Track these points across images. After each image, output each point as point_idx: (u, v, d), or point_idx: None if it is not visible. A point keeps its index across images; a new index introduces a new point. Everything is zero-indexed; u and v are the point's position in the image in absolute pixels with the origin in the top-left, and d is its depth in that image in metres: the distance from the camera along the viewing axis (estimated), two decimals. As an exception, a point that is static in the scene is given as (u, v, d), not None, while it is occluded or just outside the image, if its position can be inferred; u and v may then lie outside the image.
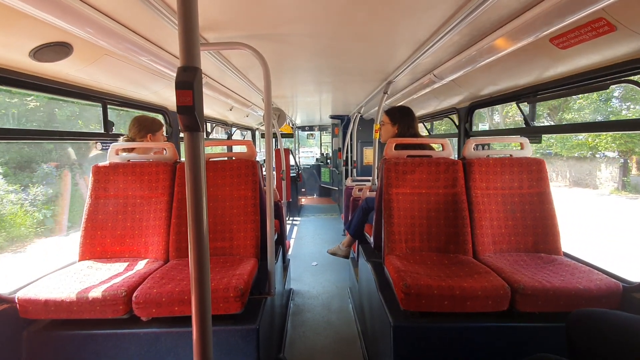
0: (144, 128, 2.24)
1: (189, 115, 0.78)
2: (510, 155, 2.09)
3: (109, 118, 2.31)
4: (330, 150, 8.80)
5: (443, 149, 2.16)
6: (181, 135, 3.06)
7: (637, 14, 1.15)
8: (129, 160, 2.10)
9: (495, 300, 1.46)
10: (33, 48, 1.40)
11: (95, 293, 1.47)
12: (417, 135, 2.43)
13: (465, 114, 2.92)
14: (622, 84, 1.59)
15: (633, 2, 1.10)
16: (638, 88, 1.48)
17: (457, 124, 3.11)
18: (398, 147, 2.18)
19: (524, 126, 2.29)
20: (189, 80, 0.76)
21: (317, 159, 10.00)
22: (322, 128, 9.60)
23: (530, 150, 2.10)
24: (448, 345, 1.53)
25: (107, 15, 1.37)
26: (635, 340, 0.97)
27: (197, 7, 0.78)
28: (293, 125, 8.13)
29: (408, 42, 1.90)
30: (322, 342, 2.51)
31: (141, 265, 1.81)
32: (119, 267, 1.78)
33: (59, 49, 1.48)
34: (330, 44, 1.97)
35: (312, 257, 4.45)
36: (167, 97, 2.67)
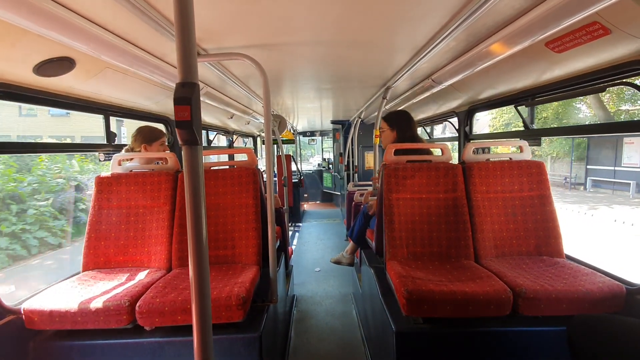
0: (139, 138, 2.27)
1: (187, 130, 0.79)
2: (510, 158, 2.09)
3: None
4: (331, 156, 8.82)
5: (442, 154, 2.17)
6: None
7: (631, 17, 1.16)
8: (131, 171, 2.12)
9: (498, 305, 1.45)
10: (36, 64, 1.43)
11: (99, 303, 1.48)
12: (415, 138, 2.43)
13: (465, 118, 2.93)
14: (619, 86, 1.59)
15: (626, 6, 1.11)
16: (635, 89, 1.49)
17: (457, 127, 3.11)
18: (398, 152, 2.19)
19: (523, 129, 2.30)
20: (187, 96, 0.78)
21: (319, 164, 10.02)
22: (323, 133, 9.64)
23: (529, 153, 2.10)
24: (451, 350, 1.52)
25: (108, 30, 1.39)
26: (638, 346, 0.97)
27: (194, 25, 0.80)
28: (294, 131, 8.16)
29: (406, 49, 1.92)
30: (326, 349, 2.50)
31: (144, 274, 1.82)
32: (122, 276, 1.80)
33: (61, 64, 1.51)
34: (329, 51, 1.99)
35: (315, 263, 4.44)
36: (169, 106, 2.70)
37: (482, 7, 1.24)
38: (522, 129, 2.34)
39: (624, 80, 1.53)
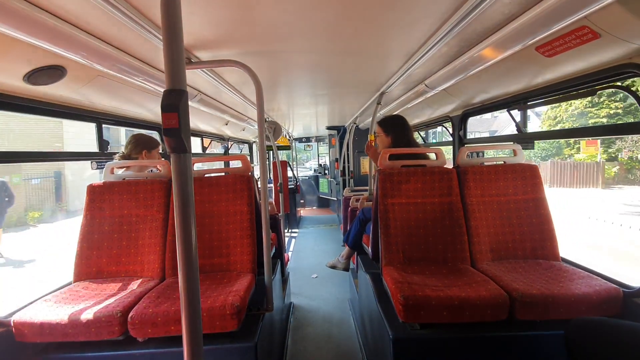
0: (140, 144, 2.25)
1: (175, 137, 0.78)
2: (504, 162, 2.10)
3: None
4: (327, 161, 8.84)
5: (437, 158, 2.17)
6: None
7: (619, 21, 1.17)
8: (124, 179, 2.10)
9: (494, 310, 1.45)
10: (27, 72, 1.42)
11: (90, 314, 1.45)
12: (411, 143, 2.43)
13: (459, 122, 2.94)
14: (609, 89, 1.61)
15: (614, 10, 1.13)
16: (625, 92, 1.50)
17: (451, 132, 3.13)
18: (392, 157, 2.19)
19: (516, 132, 2.31)
20: (174, 103, 0.77)
21: (314, 170, 10.02)
22: (319, 139, 9.66)
23: (523, 156, 2.11)
24: (448, 356, 1.51)
25: (100, 38, 1.39)
26: (636, 350, 0.96)
27: (182, 32, 0.80)
28: (290, 137, 8.17)
29: (398, 54, 1.93)
30: (323, 357, 2.47)
31: (137, 284, 1.79)
32: (114, 287, 1.77)
33: (52, 72, 1.50)
34: (322, 58, 2.00)
35: (312, 269, 4.41)
36: None
37: (472, 13, 1.25)
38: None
39: (614, 83, 1.54)
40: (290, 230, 6.70)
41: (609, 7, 1.10)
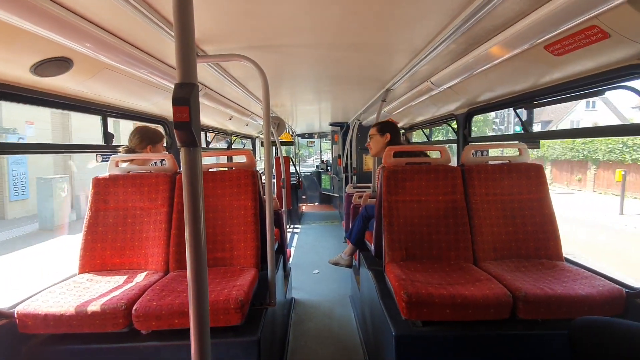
0: (145, 139, 2.25)
1: (185, 131, 0.78)
2: (509, 161, 2.09)
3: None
4: (330, 157, 8.84)
5: (441, 156, 2.17)
6: None
7: (629, 21, 1.16)
8: (128, 172, 2.10)
9: (497, 308, 1.45)
10: (34, 63, 1.42)
11: (95, 307, 1.46)
12: (407, 142, 2.52)
13: (464, 121, 2.93)
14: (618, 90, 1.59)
15: (625, 10, 1.12)
16: (633, 93, 1.49)
17: (456, 130, 3.12)
18: (397, 154, 2.19)
19: (522, 132, 2.30)
20: (185, 97, 0.77)
21: (317, 166, 10.03)
22: (321, 135, 9.66)
23: (528, 156, 2.10)
24: (451, 354, 1.51)
25: (106, 29, 1.39)
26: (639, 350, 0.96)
27: (193, 25, 0.80)
28: (293, 133, 8.16)
29: (405, 51, 1.92)
30: (323, 352, 2.48)
31: (141, 277, 1.80)
32: (118, 279, 1.78)
33: (59, 64, 1.50)
34: (328, 53, 1.99)
35: (314, 265, 4.43)
36: (167, 108, 2.69)
37: (481, 10, 1.24)
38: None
39: (623, 84, 1.53)
40: (292, 226, 6.72)
41: (619, 7, 1.09)
